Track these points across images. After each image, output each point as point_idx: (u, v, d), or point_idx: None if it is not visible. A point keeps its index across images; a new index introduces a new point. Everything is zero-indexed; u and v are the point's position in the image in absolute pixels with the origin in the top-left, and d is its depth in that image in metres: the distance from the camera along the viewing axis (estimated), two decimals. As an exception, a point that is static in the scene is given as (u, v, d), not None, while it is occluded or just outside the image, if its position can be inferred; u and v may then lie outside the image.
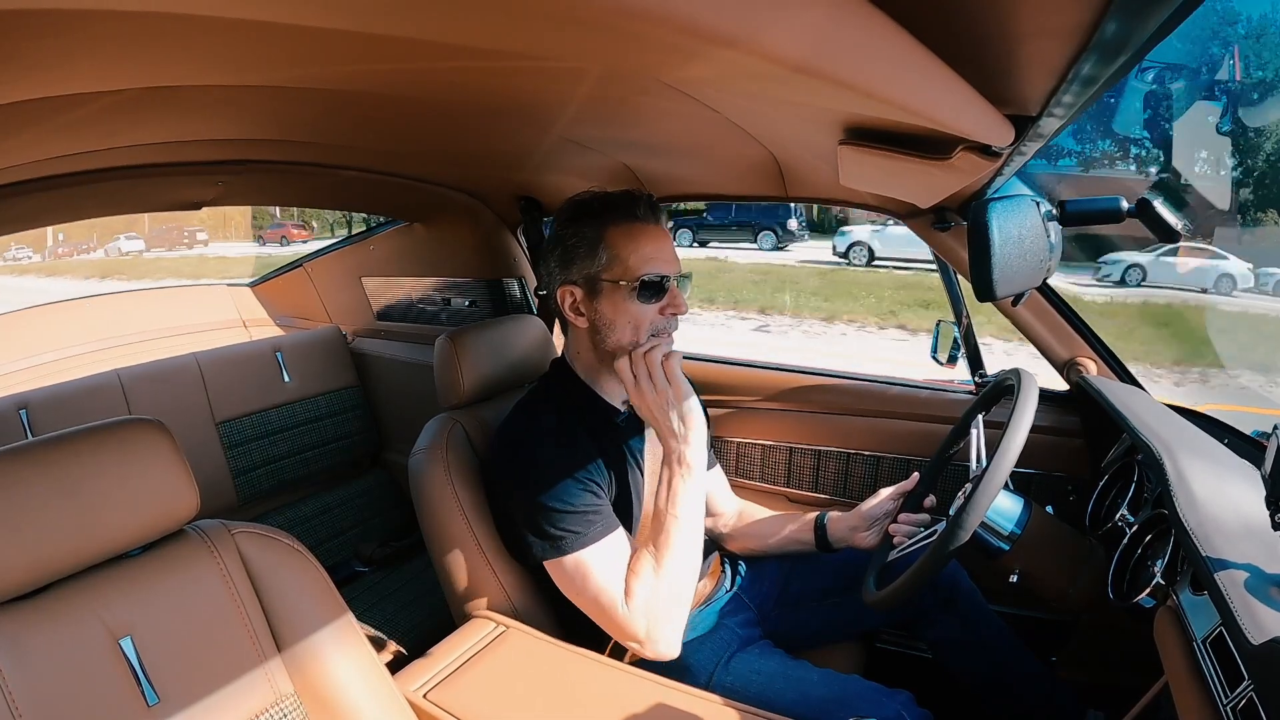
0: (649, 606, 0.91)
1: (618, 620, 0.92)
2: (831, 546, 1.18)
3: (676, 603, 0.93)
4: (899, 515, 1.10)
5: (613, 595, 0.92)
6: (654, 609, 0.91)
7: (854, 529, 1.15)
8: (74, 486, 0.65)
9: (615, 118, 0.94)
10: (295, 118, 0.97)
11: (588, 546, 0.93)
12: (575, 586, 0.95)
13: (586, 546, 0.93)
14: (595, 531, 0.94)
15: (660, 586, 0.91)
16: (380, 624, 1.59)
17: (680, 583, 0.92)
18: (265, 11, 0.35)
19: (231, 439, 1.81)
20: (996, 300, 0.83)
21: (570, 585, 0.95)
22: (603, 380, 1.07)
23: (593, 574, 0.93)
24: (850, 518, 1.16)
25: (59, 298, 2.23)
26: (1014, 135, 0.62)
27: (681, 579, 0.92)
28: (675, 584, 0.92)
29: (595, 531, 0.94)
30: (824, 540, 1.19)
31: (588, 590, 0.93)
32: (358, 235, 2.22)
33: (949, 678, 1.16)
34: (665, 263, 1.00)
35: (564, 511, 0.93)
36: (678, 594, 0.92)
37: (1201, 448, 0.88)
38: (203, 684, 0.70)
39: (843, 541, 1.17)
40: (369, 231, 2.16)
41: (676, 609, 0.93)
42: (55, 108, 0.67)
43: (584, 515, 0.93)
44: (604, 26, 0.31)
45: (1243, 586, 0.59)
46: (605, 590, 0.93)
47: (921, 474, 1.13)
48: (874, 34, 0.38)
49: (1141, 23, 0.38)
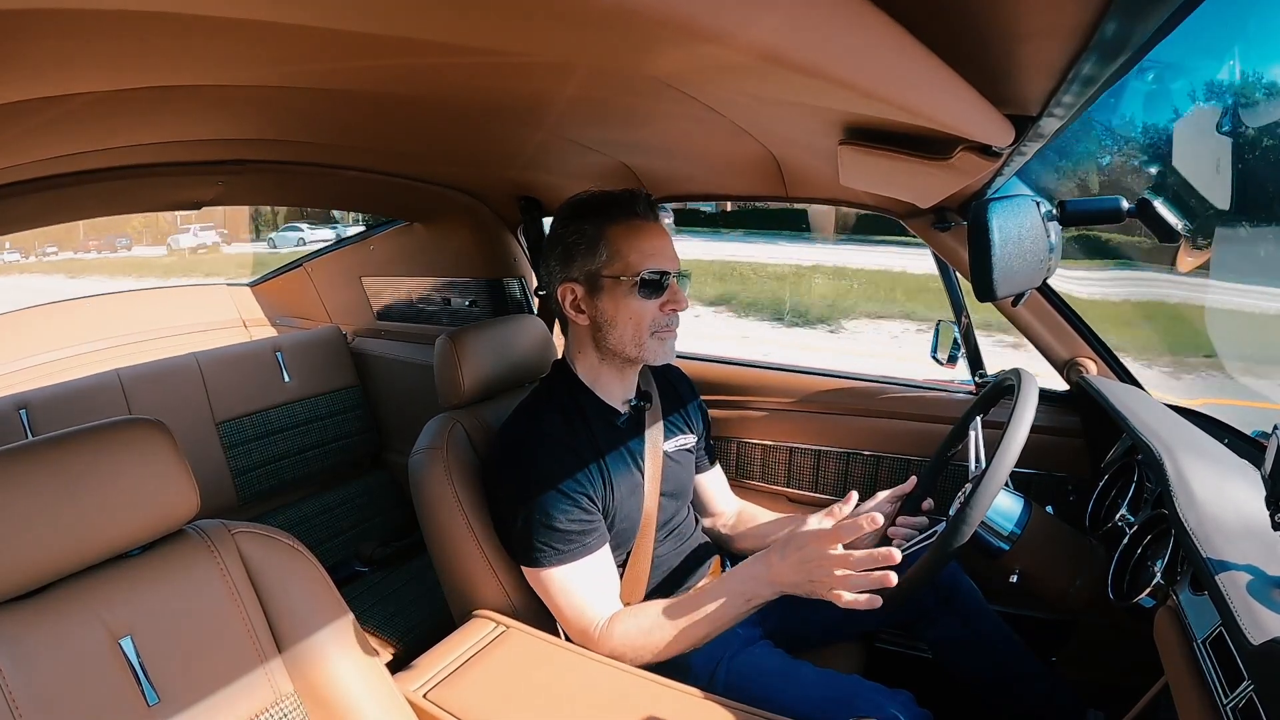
0: (623, 648, 0.94)
1: (587, 636, 0.96)
2: None
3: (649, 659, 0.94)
4: (897, 519, 1.10)
5: (590, 617, 0.96)
6: (627, 653, 0.94)
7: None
8: (74, 486, 0.65)
9: (615, 117, 0.94)
10: (295, 118, 0.97)
11: (566, 565, 0.96)
12: (548, 596, 0.99)
13: (565, 565, 0.96)
14: (575, 551, 0.96)
15: (648, 645, 0.94)
16: (380, 624, 1.59)
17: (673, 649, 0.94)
18: (265, 11, 0.35)
19: (231, 439, 1.81)
20: (996, 300, 0.83)
21: (544, 593, 0.99)
22: (603, 381, 1.07)
23: (567, 593, 0.97)
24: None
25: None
26: (1014, 135, 0.62)
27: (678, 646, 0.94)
28: (669, 649, 0.94)
29: (575, 551, 0.96)
30: None
31: (560, 603, 0.98)
32: (358, 235, 2.22)
33: (949, 678, 1.16)
34: (666, 259, 1.00)
35: (549, 528, 0.95)
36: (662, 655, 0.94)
37: (1201, 448, 0.88)
38: (203, 684, 0.70)
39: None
40: (369, 231, 2.16)
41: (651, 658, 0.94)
42: (56, 107, 0.67)
43: (567, 534, 0.96)
44: (604, 26, 0.31)
45: (1243, 587, 0.59)
46: (579, 610, 0.97)
47: (919, 476, 1.13)
48: (874, 34, 0.38)
49: (1141, 23, 0.38)
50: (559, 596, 0.97)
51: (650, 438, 1.09)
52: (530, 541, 0.96)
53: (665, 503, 1.09)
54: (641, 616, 0.96)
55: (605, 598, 0.99)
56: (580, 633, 0.97)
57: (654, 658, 0.94)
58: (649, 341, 1.01)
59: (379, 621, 1.60)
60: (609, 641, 0.95)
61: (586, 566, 0.97)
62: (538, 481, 0.96)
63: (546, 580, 0.97)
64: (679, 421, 1.19)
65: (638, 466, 1.06)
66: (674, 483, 1.12)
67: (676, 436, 1.16)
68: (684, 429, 1.19)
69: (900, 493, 1.13)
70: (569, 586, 0.97)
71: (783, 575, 0.88)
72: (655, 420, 1.12)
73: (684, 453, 1.18)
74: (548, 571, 0.96)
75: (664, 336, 1.01)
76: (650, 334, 1.00)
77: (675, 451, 1.15)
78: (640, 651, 0.94)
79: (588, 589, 0.97)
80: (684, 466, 1.17)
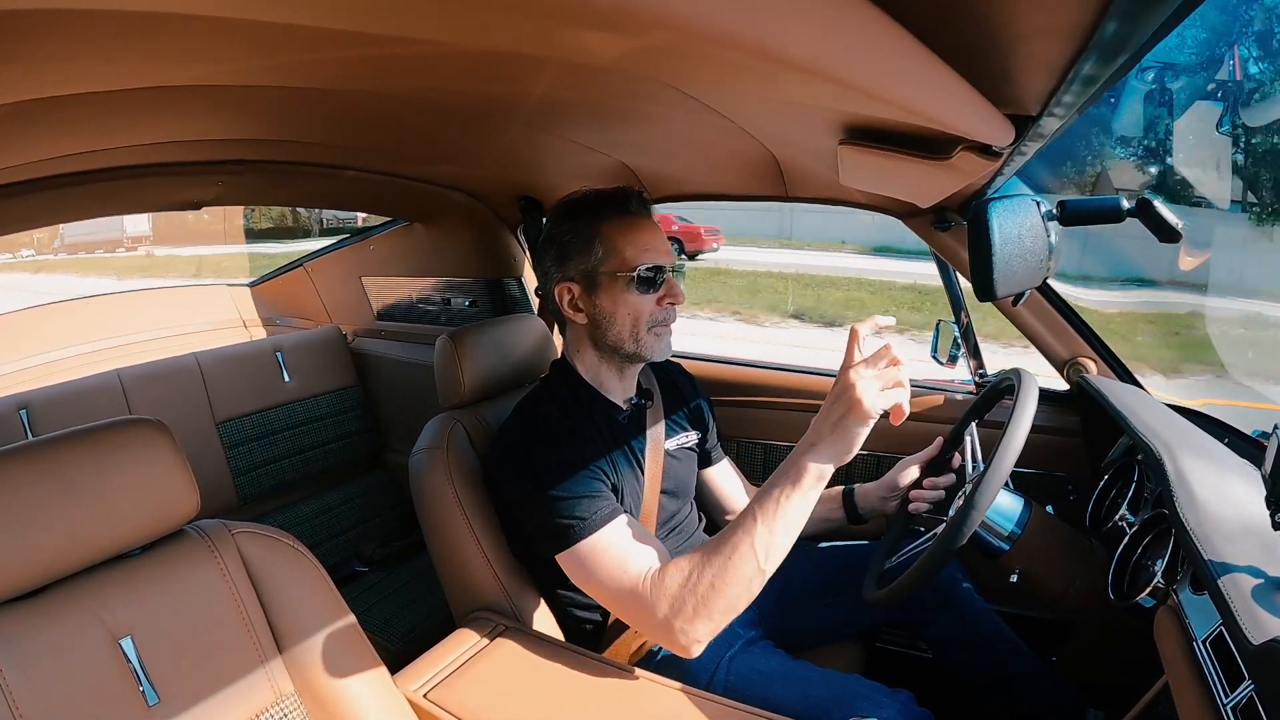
0: (679, 593, 0.82)
1: (637, 599, 0.85)
2: (862, 518, 1.21)
3: (716, 599, 0.81)
4: (923, 481, 1.11)
5: (632, 574, 0.86)
6: (683, 598, 0.82)
7: (883, 499, 1.18)
8: (74, 487, 0.65)
9: (615, 117, 0.94)
10: (295, 118, 0.97)
11: (596, 531, 0.89)
12: (588, 574, 0.90)
13: (595, 531, 0.89)
14: (602, 516, 0.89)
15: (704, 576, 0.81)
16: (380, 624, 1.59)
17: (727, 580, 0.81)
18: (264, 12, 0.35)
19: (232, 439, 1.81)
20: (996, 300, 0.83)
21: (583, 574, 0.90)
22: (605, 378, 1.07)
23: (604, 557, 0.88)
24: (878, 488, 1.19)
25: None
26: (1014, 135, 0.62)
27: (730, 577, 0.81)
28: (721, 580, 0.81)
29: (602, 516, 0.89)
30: (854, 513, 1.21)
31: (601, 575, 0.88)
32: (358, 235, 2.22)
33: (949, 677, 1.16)
34: (661, 254, 1.00)
35: (568, 499, 0.90)
36: (721, 592, 0.81)
37: (1201, 447, 0.88)
38: (203, 684, 0.70)
39: (873, 512, 1.20)
40: (369, 231, 2.16)
41: (715, 605, 0.81)
42: (55, 108, 0.67)
43: (589, 501, 0.90)
44: (604, 26, 0.31)
45: (1243, 587, 0.59)
46: (621, 571, 0.87)
47: (945, 440, 1.13)
48: (874, 34, 0.38)
49: (1141, 23, 0.38)
50: (599, 568, 0.88)
51: (652, 435, 1.09)
52: (554, 524, 0.90)
53: (665, 501, 1.09)
54: (695, 551, 0.85)
55: (649, 552, 0.89)
56: (628, 591, 0.85)
57: (723, 590, 0.81)
58: (646, 337, 1.01)
59: (379, 621, 1.60)
60: (663, 588, 0.83)
61: (619, 526, 0.90)
62: (550, 468, 0.92)
63: (586, 554, 0.88)
64: (681, 419, 1.19)
65: (638, 464, 1.06)
66: (675, 480, 1.12)
67: (678, 434, 1.16)
68: (686, 426, 1.19)
69: (927, 457, 1.15)
70: (608, 549, 0.88)
71: (821, 425, 0.80)
72: (657, 419, 1.12)
73: (686, 450, 1.18)
74: (585, 544, 0.88)
75: (660, 332, 1.02)
76: (648, 329, 1.00)
77: (677, 449, 1.15)
78: (702, 587, 0.81)
79: (627, 546, 0.88)
80: (686, 464, 1.17)
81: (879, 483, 1.19)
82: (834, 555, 1.25)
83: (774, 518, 0.80)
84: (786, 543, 0.82)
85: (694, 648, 0.83)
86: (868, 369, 0.77)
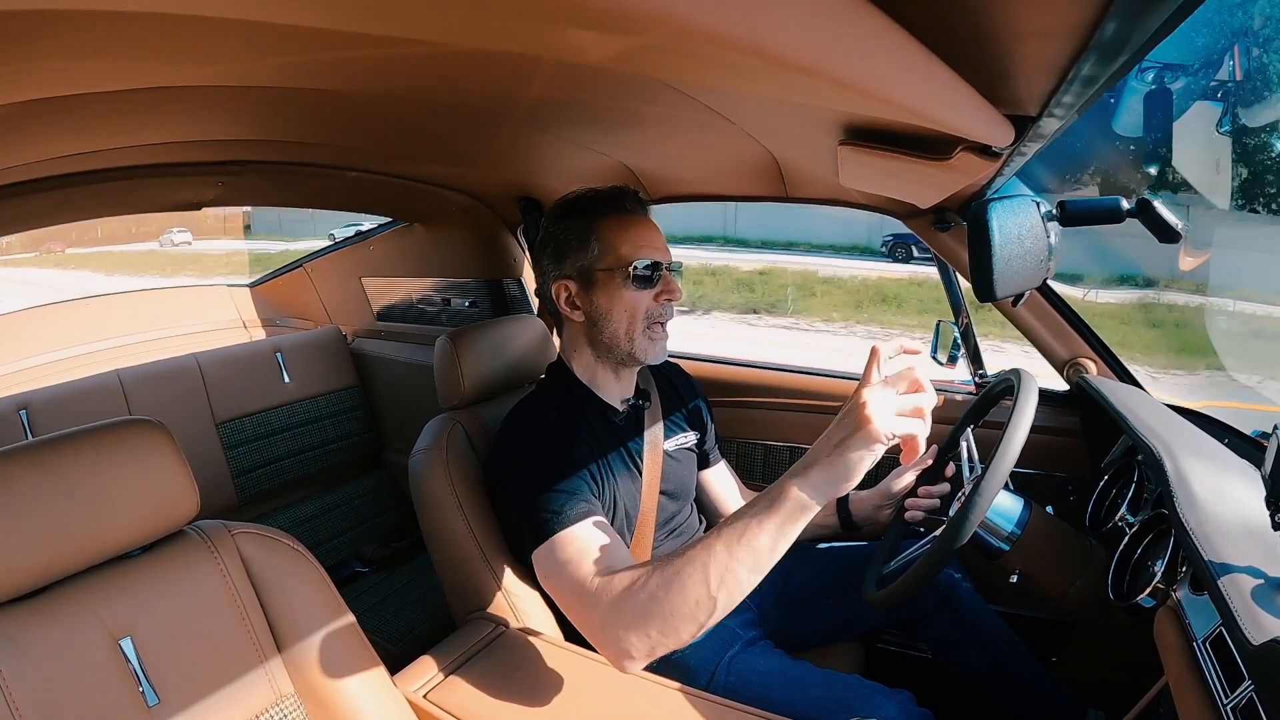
0: (621, 597, 0.75)
1: (583, 596, 0.79)
2: (857, 526, 1.20)
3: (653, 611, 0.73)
4: (917, 489, 1.11)
5: (585, 572, 0.80)
6: (623, 603, 0.75)
7: (878, 507, 1.17)
8: (74, 487, 0.65)
9: (615, 118, 0.94)
10: (295, 118, 0.97)
11: (564, 529, 0.84)
12: (547, 570, 0.85)
13: (563, 529, 0.84)
14: (573, 515, 0.85)
15: (648, 584, 0.74)
16: (380, 624, 1.59)
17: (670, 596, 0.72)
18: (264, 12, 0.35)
19: (232, 439, 1.82)
20: (996, 300, 0.84)
21: (544, 570, 0.86)
22: (601, 379, 1.07)
23: (565, 554, 0.83)
24: (873, 496, 1.18)
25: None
26: (1014, 135, 0.62)
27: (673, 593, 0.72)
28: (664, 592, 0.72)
29: (573, 515, 0.85)
30: (849, 520, 1.20)
31: (559, 571, 0.83)
32: (357, 236, 2.22)
33: (949, 677, 1.16)
34: (657, 250, 1.01)
35: (545, 496, 0.87)
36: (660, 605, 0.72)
37: (1201, 448, 0.88)
38: (203, 684, 0.70)
39: (868, 520, 1.19)
40: (369, 232, 2.16)
41: (651, 618, 0.73)
42: (56, 108, 0.68)
43: (564, 497, 0.87)
44: (603, 27, 0.31)
45: (1243, 587, 0.59)
46: (577, 568, 0.81)
47: (940, 447, 1.13)
48: (874, 34, 0.38)
49: (1141, 23, 0.38)
50: (559, 565, 0.83)
51: (650, 437, 1.09)
52: (529, 520, 0.87)
53: (665, 502, 1.09)
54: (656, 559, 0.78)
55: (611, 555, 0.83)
56: (578, 590, 0.80)
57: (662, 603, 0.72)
58: (641, 338, 1.01)
59: (379, 622, 1.60)
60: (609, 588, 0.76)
61: (587, 526, 0.85)
62: (537, 469, 0.91)
63: (551, 550, 0.84)
64: (680, 419, 1.19)
65: (636, 465, 1.06)
66: (674, 481, 1.12)
67: (677, 435, 1.16)
68: (685, 427, 1.19)
69: (920, 465, 1.14)
70: (570, 545, 0.83)
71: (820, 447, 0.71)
72: (655, 419, 1.12)
73: (685, 451, 1.18)
74: (552, 540, 0.84)
75: (655, 335, 1.02)
76: (644, 328, 1.00)
77: (676, 450, 1.15)
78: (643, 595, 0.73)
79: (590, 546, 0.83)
80: (685, 465, 1.17)
81: (873, 491, 1.18)
82: (833, 556, 1.25)
83: (737, 543, 0.71)
84: (746, 575, 0.71)
85: (625, 662, 0.75)
86: (885, 389, 0.69)
